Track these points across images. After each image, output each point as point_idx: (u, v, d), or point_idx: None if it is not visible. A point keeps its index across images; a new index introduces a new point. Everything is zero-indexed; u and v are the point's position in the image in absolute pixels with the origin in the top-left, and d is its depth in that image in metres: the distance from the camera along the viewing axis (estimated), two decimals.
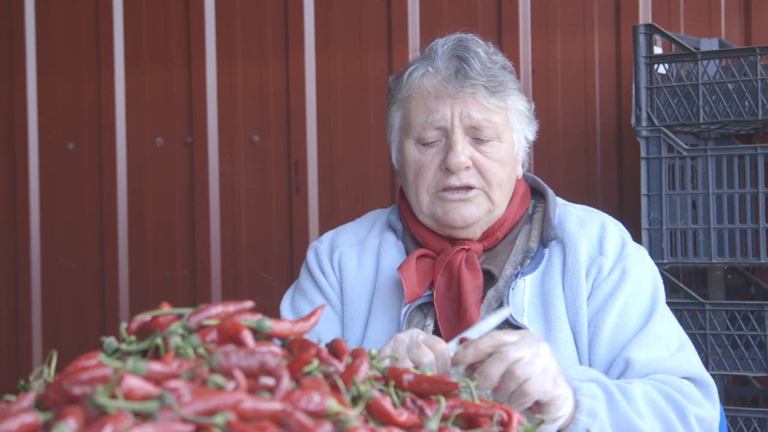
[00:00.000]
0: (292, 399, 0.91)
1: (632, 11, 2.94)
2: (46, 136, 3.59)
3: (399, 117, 1.92)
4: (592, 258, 1.84)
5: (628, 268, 1.84)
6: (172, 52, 3.42)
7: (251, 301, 1.09)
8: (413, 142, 1.88)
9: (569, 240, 1.86)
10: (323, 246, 2.02)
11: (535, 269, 1.85)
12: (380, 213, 2.07)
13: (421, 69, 1.88)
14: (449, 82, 1.83)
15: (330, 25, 3.25)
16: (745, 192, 2.45)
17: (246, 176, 3.34)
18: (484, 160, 1.84)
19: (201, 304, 1.09)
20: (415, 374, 1.10)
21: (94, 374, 0.88)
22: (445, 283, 1.83)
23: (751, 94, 2.42)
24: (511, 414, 1.11)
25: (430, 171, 1.85)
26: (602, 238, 1.86)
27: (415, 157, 1.87)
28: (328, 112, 3.25)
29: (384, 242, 1.97)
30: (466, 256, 1.85)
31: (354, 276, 1.95)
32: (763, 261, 2.40)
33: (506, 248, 1.90)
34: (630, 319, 1.80)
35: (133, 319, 1.07)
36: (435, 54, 1.88)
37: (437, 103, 1.84)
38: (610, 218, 1.93)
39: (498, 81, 1.85)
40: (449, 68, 1.84)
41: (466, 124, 1.83)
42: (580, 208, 1.96)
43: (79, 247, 3.54)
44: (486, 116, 1.84)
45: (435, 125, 1.84)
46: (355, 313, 1.93)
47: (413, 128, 1.87)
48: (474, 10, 3.09)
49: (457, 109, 1.83)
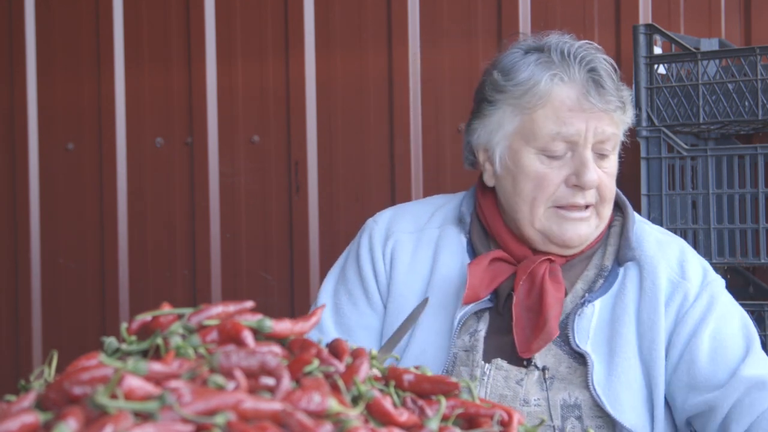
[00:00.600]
0: (292, 399, 0.91)
1: (632, 11, 2.93)
2: (46, 136, 3.59)
3: (517, 121, 1.78)
4: (674, 283, 1.77)
5: (716, 294, 1.78)
6: (172, 52, 3.42)
7: (251, 301, 1.09)
8: (535, 151, 1.76)
9: (647, 262, 1.79)
10: (378, 229, 1.91)
11: (606, 292, 1.78)
12: (444, 200, 1.97)
13: (548, 73, 1.75)
14: (588, 96, 1.73)
15: (330, 25, 3.25)
16: (745, 192, 2.45)
17: (246, 176, 3.34)
18: (604, 176, 1.78)
19: (201, 304, 1.09)
20: (415, 374, 1.10)
21: (95, 374, 0.88)
22: (525, 292, 1.75)
23: (751, 94, 2.42)
24: (512, 414, 1.10)
25: (553, 185, 1.75)
26: (683, 262, 1.80)
27: (537, 169, 1.76)
28: (328, 112, 3.25)
29: (445, 235, 1.87)
30: (550, 267, 1.77)
31: (407, 268, 1.86)
32: (763, 261, 2.40)
33: (582, 262, 1.83)
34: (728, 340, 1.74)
35: (134, 319, 1.07)
36: (559, 58, 1.76)
37: (572, 115, 1.74)
38: (687, 244, 1.87)
39: (626, 98, 1.79)
40: (586, 80, 1.75)
41: (597, 139, 1.75)
42: (658, 229, 1.89)
43: (79, 247, 3.54)
44: (614, 131, 1.78)
45: (567, 139, 1.74)
46: (403, 308, 1.82)
47: (539, 138, 1.75)
48: (474, 10, 3.09)
49: (592, 124, 1.74)
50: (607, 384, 1.73)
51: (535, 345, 1.72)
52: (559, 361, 1.76)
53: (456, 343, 1.79)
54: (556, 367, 1.76)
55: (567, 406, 1.73)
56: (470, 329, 1.79)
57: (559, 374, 1.75)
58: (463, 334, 1.80)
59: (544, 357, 1.76)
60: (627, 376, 1.73)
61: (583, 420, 1.72)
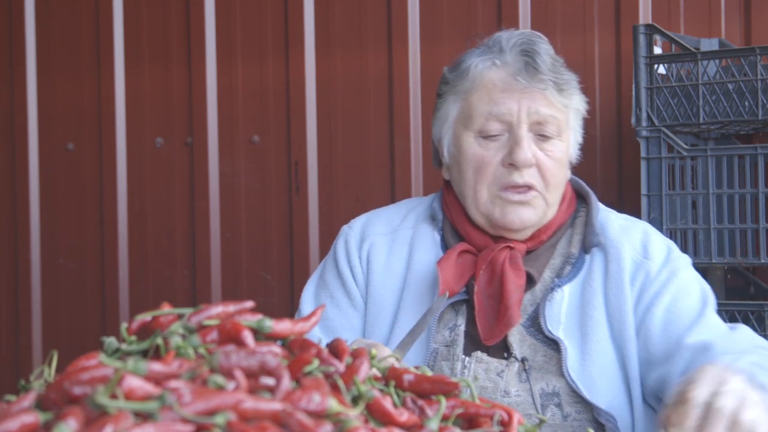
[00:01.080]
0: (292, 399, 0.91)
1: (632, 11, 2.93)
2: (46, 136, 3.59)
3: (457, 108, 1.86)
4: (637, 263, 1.80)
5: (677, 270, 1.80)
6: (172, 52, 3.42)
7: (251, 301, 1.09)
8: (473, 134, 1.82)
9: (611, 246, 1.82)
10: (353, 234, 1.95)
11: (574, 278, 1.81)
12: (416, 202, 2.01)
13: (485, 61, 1.84)
14: (519, 76, 1.79)
15: (330, 25, 3.25)
16: (745, 192, 2.45)
17: (246, 176, 3.34)
18: (544, 158, 1.81)
19: (201, 304, 1.09)
20: (415, 374, 1.10)
21: (95, 374, 0.88)
22: (486, 280, 1.78)
23: (751, 94, 2.42)
24: (512, 414, 1.11)
25: (491, 166, 1.81)
26: (646, 243, 1.83)
27: (475, 151, 1.82)
28: (328, 112, 3.25)
29: (418, 234, 1.91)
30: (510, 254, 1.80)
31: (383, 268, 1.90)
32: (763, 261, 2.40)
33: (547, 251, 1.86)
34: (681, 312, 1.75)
35: (134, 319, 1.07)
36: (500, 47, 1.84)
37: (504, 96, 1.80)
38: (652, 227, 1.90)
39: (565, 79, 1.84)
40: (518, 62, 1.81)
41: (532, 119, 1.80)
42: (623, 216, 1.92)
43: (79, 247, 3.54)
44: (552, 113, 1.81)
45: (499, 117, 1.80)
46: (382, 307, 1.87)
47: (474, 120, 1.82)
48: (474, 10, 3.09)
49: (525, 103, 1.79)
50: (582, 369, 1.75)
51: (497, 331, 1.75)
52: (535, 351, 1.78)
53: (436, 338, 1.81)
54: (533, 357, 1.78)
55: (546, 394, 1.75)
56: (449, 324, 1.82)
57: (536, 364, 1.78)
58: (443, 329, 1.82)
59: (521, 347, 1.78)
60: (601, 359, 1.75)
61: (563, 407, 1.75)
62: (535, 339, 1.78)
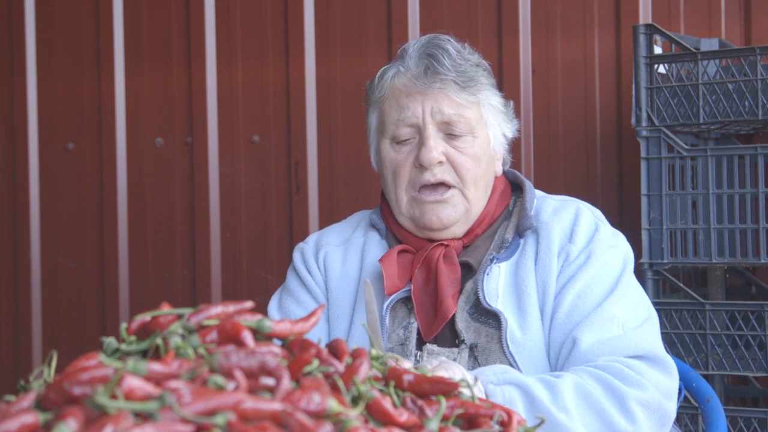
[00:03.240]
0: (292, 399, 0.91)
1: (632, 11, 2.94)
2: (46, 136, 3.60)
3: (375, 118, 1.94)
4: (562, 246, 1.85)
5: (595, 252, 1.83)
6: (172, 52, 3.42)
7: (251, 301, 1.09)
8: (388, 141, 1.89)
9: (543, 228, 1.87)
10: (308, 246, 2.04)
11: (509, 257, 1.86)
12: (365, 213, 2.09)
13: (392, 69, 1.91)
14: (418, 79, 1.85)
15: (330, 25, 3.25)
16: (745, 192, 2.45)
17: (246, 176, 3.34)
18: (457, 155, 1.85)
19: (201, 304, 1.09)
20: (415, 374, 1.10)
21: (95, 374, 0.88)
22: (423, 278, 1.85)
23: (751, 94, 2.42)
24: (511, 414, 1.11)
25: (405, 169, 1.87)
26: (574, 227, 1.86)
27: (390, 157, 1.89)
28: (328, 112, 3.25)
29: (369, 240, 1.98)
30: (444, 251, 1.87)
31: (339, 274, 1.96)
32: (763, 261, 2.40)
33: (485, 242, 1.91)
34: (588, 300, 1.79)
35: (133, 319, 1.07)
36: (406, 54, 1.90)
37: (408, 100, 1.86)
38: (586, 205, 1.93)
39: (468, 76, 1.86)
40: (419, 66, 1.86)
41: (437, 119, 1.84)
42: (558, 198, 1.96)
43: (79, 247, 3.54)
44: (457, 111, 1.85)
45: (407, 122, 1.86)
46: (341, 310, 1.94)
47: (387, 127, 1.89)
48: (474, 10, 3.09)
49: (428, 105, 1.84)
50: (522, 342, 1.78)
51: (435, 326, 1.81)
52: (478, 334, 1.82)
53: (391, 338, 1.86)
54: (476, 339, 1.82)
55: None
56: (403, 323, 1.86)
57: (480, 345, 1.81)
58: (397, 328, 1.87)
59: (467, 333, 1.82)
60: (535, 334, 1.79)
61: None
62: (478, 322, 1.82)
